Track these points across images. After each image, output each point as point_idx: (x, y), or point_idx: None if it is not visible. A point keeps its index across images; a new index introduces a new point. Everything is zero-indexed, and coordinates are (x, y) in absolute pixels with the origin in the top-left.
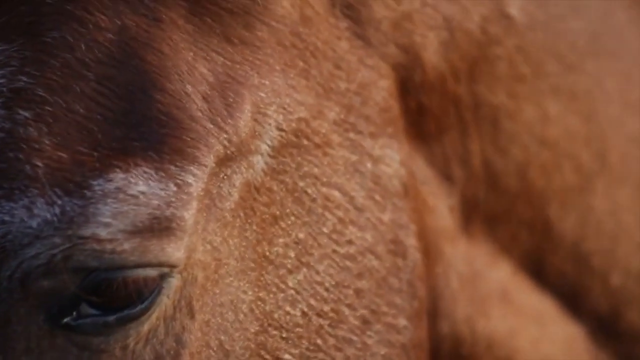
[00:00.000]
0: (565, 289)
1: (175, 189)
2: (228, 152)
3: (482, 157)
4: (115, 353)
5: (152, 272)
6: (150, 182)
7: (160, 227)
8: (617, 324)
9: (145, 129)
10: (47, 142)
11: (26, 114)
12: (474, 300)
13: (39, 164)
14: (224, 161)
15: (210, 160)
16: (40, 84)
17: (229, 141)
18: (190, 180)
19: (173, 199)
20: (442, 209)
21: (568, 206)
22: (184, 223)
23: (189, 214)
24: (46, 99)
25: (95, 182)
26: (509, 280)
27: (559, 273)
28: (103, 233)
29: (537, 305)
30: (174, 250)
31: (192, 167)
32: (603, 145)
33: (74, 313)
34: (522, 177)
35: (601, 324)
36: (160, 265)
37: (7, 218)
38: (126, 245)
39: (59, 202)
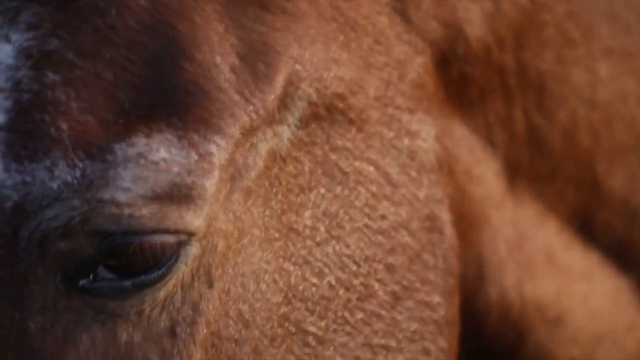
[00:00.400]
0: (614, 244)
1: (196, 157)
2: (255, 123)
3: (526, 121)
4: (131, 318)
5: (169, 239)
6: (172, 149)
7: (179, 194)
8: None
9: (172, 97)
10: (74, 105)
11: (55, 77)
12: (521, 264)
13: (64, 126)
14: (250, 131)
15: (235, 131)
16: (70, 48)
17: (256, 113)
18: (213, 150)
19: (194, 168)
20: (488, 175)
21: (618, 163)
22: (205, 192)
23: (210, 183)
24: (76, 63)
25: (117, 146)
26: (554, 240)
27: (608, 228)
28: (122, 197)
29: (583, 262)
30: (193, 218)
31: (216, 137)
32: None
33: (91, 276)
34: (569, 138)
35: None
36: (178, 232)
37: (28, 179)
38: (144, 211)
39: (80, 164)
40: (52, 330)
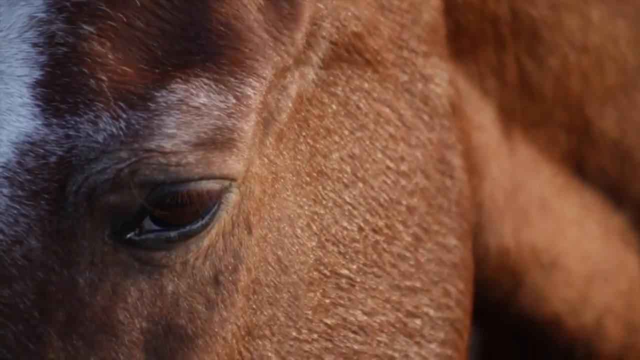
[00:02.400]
0: (607, 184)
1: (234, 101)
2: (285, 63)
3: (518, 69)
4: (176, 268)
5: (214, 185)
6: (210, 94)
7: (222, 138)
8: None
9: (204, 41)
10: (110, 56)
11: (90, 28)
12: (517, 212)
13: (104, 77)
14: (282, 72)
15: (268, 72)
16: None
17: (287, 52)
18: (249, 92)
19: (233, 111)
20: (487, 123)
21: (609, 105)
22: (244, 135)
23: (248, 126)
24: (108, 13)
25: (158, 94)
26: (548, 186)
27: (600, 169)
28: (168, 145)
29: (576, 207)
30: (235, 163)
31: (250, 79)
32: None
33: (137, 229)
34: (560, 83)
35: None
36: (222, 177)
37: (72, 132)
38: (190, 158)
39: (124, 115)
40: (101, 285)
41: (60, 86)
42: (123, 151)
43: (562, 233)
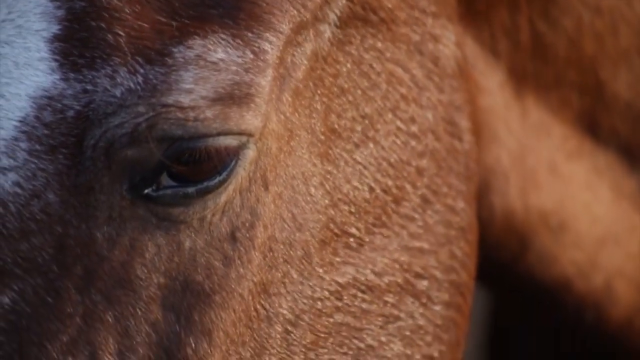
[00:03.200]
0: (621, 144)
1: (252, 56)
2: (303, 18)
3: (531, 30)
4: (193, 224)
5: (232, 141)
6: (228, 49)
7: (240, 93)
8: None
9: None
10: (127, 10)
11: None
12: (525, 175)
13: (121, 32)
14: (298, 28)
15: (285, 27)
16: None
17: (304, 6)
18: (266, 47)
19: (251, 66)
20: (493, 86)
21: (622, 67)
22: (262, 90)
23: (265, 81)
24: None
25: (175, 50)
26: (560, 149)
27: (613, 131)
28: (186, 100)
29: (588, 170)
30: (253, 118)
31: (268, 34)
32: None
33: (155, 184)
34: (573, 45)
35: None
36: (240, 133)
37: (89, 87)
38: (208, 113)
39: (142, 70)
40: (119, 239)
41: (78, 40)
42: (141, 105)
43: (572, 196)
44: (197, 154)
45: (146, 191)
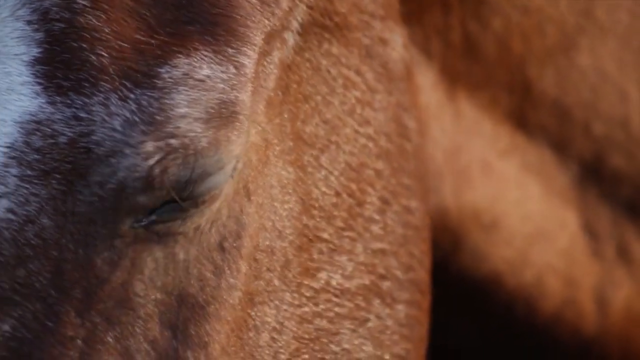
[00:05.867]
0: (550, 141)
1: (234, 71)
2: (272, 27)
3: (463, 31)
4: (189, 234)
5: (225, 163)
6: (212, 65)
7: (227, 112)
8: (601, 169)
9: (197, 9)
10: (107, 30)
11: (83, 2)
12: (458, 173)
13: (104, 53)
14: (268, 37)
15: (258, 38)
16: None
17: (273, 15)
18: (245, 62)
19: (235, 82)
20: (426, 86)
21: (548, 65)
22: (244, 106)
23: (246, 97)
24: None
25: (162, 70)
26: (491, 147)
27: (542, 127)
28: (183, 125)
29: (519, 167)
30: (239, 138)
31: (245, 48)
32: (589, 1)
33: (156, 211)
34: (502, 45)
35: (586, 170)
36: (232, 156)
37: (82, 114)
38: (204, 141)
39: (132, 95)
40: (120, 262)
41: (61, 63)
42: (148, 143)
43: (504, 193)
44: (197, 186)
45: (149, 219)
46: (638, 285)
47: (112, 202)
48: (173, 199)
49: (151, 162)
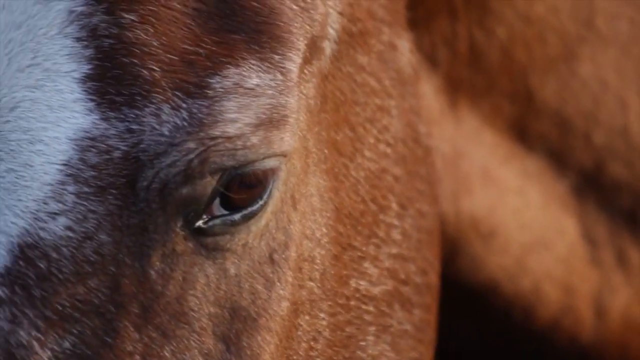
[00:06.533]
0: (550, 150)
1: (281, 77)
2: (313, 34)
3: (468, 39)
4: (237, 251)
5: (275, 162)
6: (260, 74)
7: (278, 116)
8: (600, 177)
9: (240, 17)
10: (155, 44)
11: (131, 16)
12: (458, 180)
13: (155, 67)
14: (310, 45)
15: (302, 44)
16: None
17: (312, 20)
18: (291, 67)
19: (283, 87)
20: (429, 92)
21: (550, 75)
22: (293, 110)
23: (294, 101)
24: None
25: (213, 81)
26: (491, 155)
27: (542, 137)
28: (231, 130)
29: (517, 176)
30: (289, 139)
31: (290, 54)
32: (590, 11)
33: (205, 216)
34: (505, 54)
35: (585, 178)
36: (282, 155)
37: (134, 126)
38: (254, 139)
39: (184, 105)
40: (172, 274)
41: (112, 78)
42: (190, 142)
43: (503, 202)
44: (246, 179)
45: (197, 224)
46: (635, 291)
47: (158, 203)
48: (220, 193)
49: (191, 155)
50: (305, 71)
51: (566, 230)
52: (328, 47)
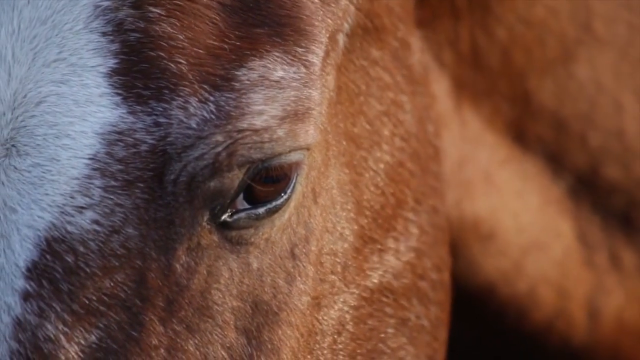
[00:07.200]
0: (547, 152)
1: (305, 70)
2: (335, 26)
3: (471, 41)
4: (260, 245)
5: (300, 156)
6: (284, 66)
7: (303, 109)
8: (595, 179)
9: (264, 11)
10: (181, 37)
11: (157, 10)
12: (462, 184)
13: (182, 60)
14: (331, 37)
15: (324, 37)
16: None
17: (333, 14)
18: (314, 60)
19: (307, 80)
20: (441, 94)
21: (547, 77)
22: (317, 102)
23: (317, 93)
24: None
25: (239, 73)
26: (493, 157)
27: (540, 138)
28: (258, 122)
29: (517, 178)
30: (313, 131)
31: (313, 46)
32: (588, 15)
33: (230, 210)
34: (505, 55)
35: (581, 180)
36: (306, 147)
37: (162, 120)
38: (280, 132)
39: (212, 98)
40: (197, 268)
41: (139, 72)
42: (218, 135)
43: (503, 205)
44: (272, 172)
45: (223, 218)
46: (628, 293)
47: (185, 196)
48: (247, 198)
49: (219, 148)
50: (326, 63)
51: (562, 232)
52: (341, 40)
